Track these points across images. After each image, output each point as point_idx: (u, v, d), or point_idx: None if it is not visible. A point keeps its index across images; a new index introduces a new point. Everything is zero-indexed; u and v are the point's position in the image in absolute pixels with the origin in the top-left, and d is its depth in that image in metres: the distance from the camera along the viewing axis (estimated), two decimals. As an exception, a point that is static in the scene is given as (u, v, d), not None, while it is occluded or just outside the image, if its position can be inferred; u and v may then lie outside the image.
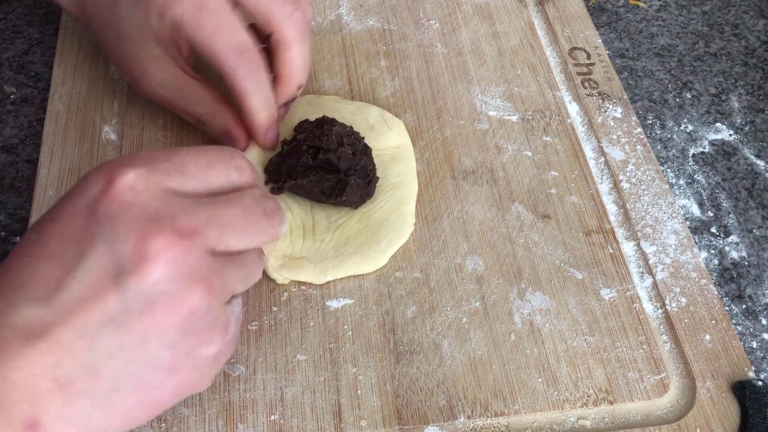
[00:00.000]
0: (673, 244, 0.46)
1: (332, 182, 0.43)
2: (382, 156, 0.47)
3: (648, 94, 0.57)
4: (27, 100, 0.53)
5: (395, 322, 0.42)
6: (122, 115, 0.50)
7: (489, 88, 0.53)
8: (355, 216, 0.44)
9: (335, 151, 0.43)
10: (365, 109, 0.50)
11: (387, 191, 0.46)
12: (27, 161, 0.49)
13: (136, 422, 0.30)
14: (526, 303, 0.43)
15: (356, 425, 0.38)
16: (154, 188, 0.29)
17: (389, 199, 0.45)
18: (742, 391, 0.40)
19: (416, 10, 0.58)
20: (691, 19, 0.63)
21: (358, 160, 0.44)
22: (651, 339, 0.42)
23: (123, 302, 0.28)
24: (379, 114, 0.49)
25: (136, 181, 0.29)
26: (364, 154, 0.44)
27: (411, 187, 0.46)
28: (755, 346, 0.44)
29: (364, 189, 0.44)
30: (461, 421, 0.38)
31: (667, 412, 0.40)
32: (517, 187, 0.48)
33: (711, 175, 0.52)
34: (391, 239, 0.44)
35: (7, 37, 0.56)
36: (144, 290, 0.28)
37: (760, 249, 0.48)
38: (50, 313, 0.27)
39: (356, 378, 0.39)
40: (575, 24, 0.58)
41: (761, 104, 0.56)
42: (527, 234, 0.46)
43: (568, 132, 0.51)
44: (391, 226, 0.44)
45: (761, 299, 0.46)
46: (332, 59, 0.54)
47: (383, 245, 0.43)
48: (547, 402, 0.39)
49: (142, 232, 0.28)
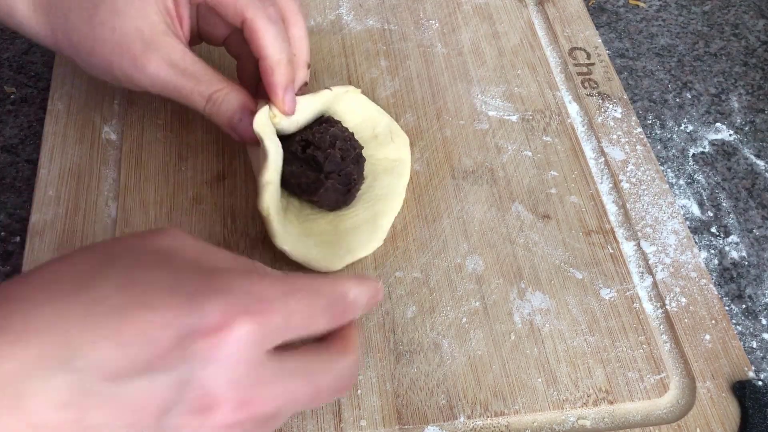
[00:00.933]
0: (673, 244, 0.46)
1: (310, 179, 0.43)
2: (376, 166, 0.47)
3: (648, 94, 0.57)
4: (27, 100, 0.53)
5: (395, 322, 0.42)
6: (122, 115, 0.50)
7: (489, 88, 0.53)
8: (327, 216, 0.44)
9: (324, 150, 0.43)
10: (378, 117, 0.48)
11: (369, 201, 0.45)
12: (27, 161, 0.49)
13: None
14: (526, 303, 0.43)
15: (356, 425, 0.38)
16: (253, 352, 0.28)
17: (368, 208, 0.45)
18: (742, 391, 0.40)
19: (416, 10, 0.58)
20: (691, 19, 0.63)
21: (345, 166, 0.43)
22: (651, 339, 0.42)
23: (157, 428, 0.27)
24: (388, 124, 0.48)
25: (245, 340, 0.27)
26: (354, 163, 0.44)
27: (394, 202, 0.46)
28: (755, 346, 0.44)
29: (342, 195, 0.43)
30: (461, 421, 0.39)
31: (667, 412, 0.40)
32: (517, 187, 0.48)
33: (711, 175, 0.52)
34: (353, 249, 0.43)
35: (7, 37, 0.56)
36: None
37: (760, 249, 0.48)
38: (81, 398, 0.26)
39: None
40: (575, 24, 0.58)
41: (761, 104, 0.56)
42: (527, 234, 0.46)
43: (568, 132, 0.51)
44: (360, 235, 0.43)
45: (761, 299, 0.46)
46: (332, 59, 0.54)
47: (343, 252, 0.43)
48: (547, 402, 0.39)
49: (214, 398, 0.27)
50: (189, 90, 0.42)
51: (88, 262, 0.29)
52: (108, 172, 0.47)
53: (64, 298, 0.27)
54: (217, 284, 0.28)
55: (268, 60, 0.41)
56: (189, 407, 0.27)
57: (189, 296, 0.27)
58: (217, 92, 0.42)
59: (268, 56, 0.41)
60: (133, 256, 0.29)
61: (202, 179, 0.47)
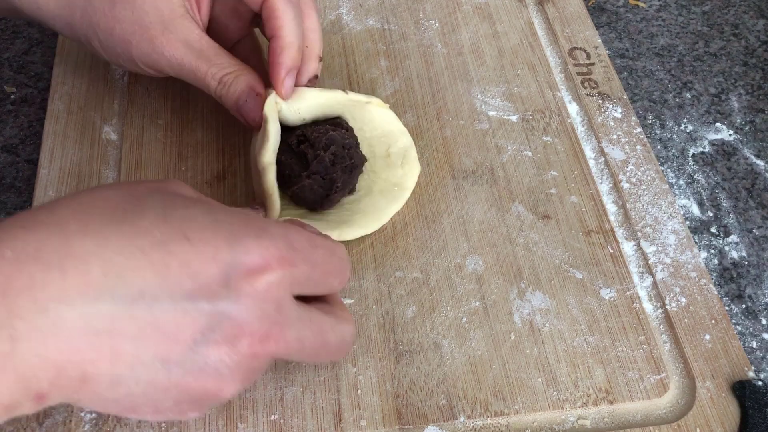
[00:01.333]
0: (673, 243, 0.46)
1: (293, 173, 0.43)
2: (375, 184, 0.46)
3: (648, 94, 0.57)
4: (27, 100, 0.53)
5: (395, 322, 0.42)
6: (122, 115, 0.50)
7: (489, 88, 0.53)
8: (299, 211, 0.44)
9: (315, 150, 0.42)
10: (398, 137, 0.47)
11: (347, 211, 0.44)
12: (27, 161, 0.49)
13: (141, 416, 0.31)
14: (526, 303, 0.43)
15: (356, 425, 0.38)
16: (282, 293, 0.30)
17: (341, 218, 0.44)
18: (742, 391, 0.40)
19: (416, 10, 0.58)
20: (691, 19, 0.63)
21: (333, 171, 0.42)
22: (651, 339, 0.42)
23: (185, 357, 0.28)
24: (405, 148, 0.47)
25: (278, 282, 0.30)
26: (345, 171, 0.43)
27: (371, 222, 0.45)
28: (755, 346, 0.44)
29: (320, 197, 0.43)
30: (461, 421, 0.39)
31: (667, 412, 0.40)
32: (517, 187, 0.48)
33: (711, 175, 0.52)
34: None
35: (7, 37, 0.56)
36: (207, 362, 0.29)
37: (760, 249, 0.48)
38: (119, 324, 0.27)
39: (356, 378, 0.39)
40: (575, 24, 0.58)
41: (761, 104, 0.56)
42: (527, 234, 0.46)
43: (568, 132, 0.51)
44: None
45: (761, 299, 0.46)
46: (332, 59, 0.54)
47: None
48: (547, 402, 0.39)
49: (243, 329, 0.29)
50: (203, 72, 0.42)
51: (121, 196, 0.30)
52: (108, 172, 0.47)
53: (102, 228, 0.28)
54: (257, 226, 0.30)
55: (279, 40, 0.42)
56: (221, 336, 0.29)
57: (231, 234, 0.29)
58: (228, 75, 0.42)
59: (281, 36, 0.42)
60: (160, 194, 0.31)
61: (202, 179, 0.47)
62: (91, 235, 0.28)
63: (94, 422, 0.37)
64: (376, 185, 0.46)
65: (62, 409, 0.37)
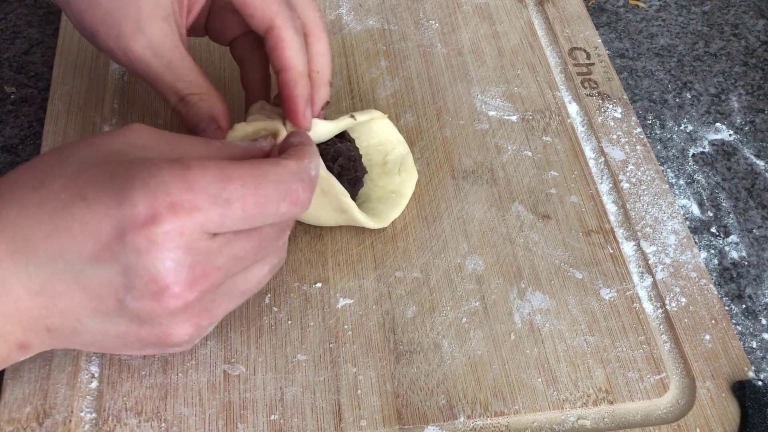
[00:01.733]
0: (673, 244, 0.46)
1: None
2: (373, 192, 0.46)
3: (648, 94, 0.57)
4: (27, 100, 0.53)
5: (395, 322, 0.42)
6: (122, 115, 0.50)
7: (489, 88, 0.53)
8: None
9: (324, 161, 0.42)
10: (395, 145, 0.47)
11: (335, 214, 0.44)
12: (27, 161, 0.49)
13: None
14: (526, 303, 0.43)
15: (356, 425, 0.38)
16: (189, 238, 0.29)
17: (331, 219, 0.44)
18: (742, 391, 0.40)
19: (416, 10, 0.58)
20: (691, 19, 0.63)
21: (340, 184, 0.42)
22: (651, 339, 0.42)
23: (120, 312, 0.30)
24: (401, 156, 0.47)
25: (178, 230, 0.29)
26: (349, 184, 0.43)
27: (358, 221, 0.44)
28: (755, 346, 0.44)
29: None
30: (461, 421, 0.39)
31: (667, 412, 0.40)
32: (517, 187, 0.48)
33: (711, 175, 0.52)
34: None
35: (7, 37, 0.56)
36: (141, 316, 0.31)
37: (760, 249, 0.48)
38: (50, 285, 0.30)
39: (356, 378, 0.39)
40: (575, 24, 0.58)
41: (761, 104, 0.57)
42: (527, 234, 0.46)
43: (568, 132, 0.51)
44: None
45: (761, 299, 0.46)
46: (332, 59, 0.54)
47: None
48: (547, 402, 0.39)
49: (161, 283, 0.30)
50: (167, 85, 0.40)
51: (45, 163, 0.32)
52: (108, 172, 0.47)
53: (24, 197, 0.30)
54: (142, 175, 0.29)
55: (292, 71, 0.40)
56: (141, 292, 0.30)
57: (121, 187, 0.29)
58: (192, 95, 0.40)
59: (292, 67, 0.40)
60: (85, 155, 0.31)
61: (202, 179, 0.47)
62: (16, 202, 0.30)
63: (94, 422, 0.37)
64: (374, 192, 0.46)
65: (62, 409, 0.38)
